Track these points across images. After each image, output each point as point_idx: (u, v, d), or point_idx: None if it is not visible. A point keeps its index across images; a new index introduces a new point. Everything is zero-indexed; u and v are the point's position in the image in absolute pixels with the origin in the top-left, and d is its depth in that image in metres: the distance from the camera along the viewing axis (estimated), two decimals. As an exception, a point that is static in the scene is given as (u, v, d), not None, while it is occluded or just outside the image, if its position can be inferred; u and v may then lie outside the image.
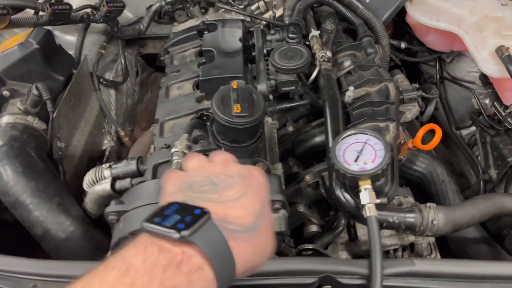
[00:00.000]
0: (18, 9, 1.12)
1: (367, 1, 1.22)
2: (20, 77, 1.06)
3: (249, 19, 1.23)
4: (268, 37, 1.14)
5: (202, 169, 0.57)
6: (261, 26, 1.18)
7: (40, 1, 1.13)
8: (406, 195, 1.00)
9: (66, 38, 1.25)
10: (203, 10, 1.35)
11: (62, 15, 1.06)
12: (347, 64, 1.06)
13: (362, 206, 0.73)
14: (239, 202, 0.50)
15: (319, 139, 1.01)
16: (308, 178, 0.90)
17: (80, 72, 1.20)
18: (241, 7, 1.28)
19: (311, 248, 0.88)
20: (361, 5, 1.18)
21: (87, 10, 1.19)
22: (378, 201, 0.74)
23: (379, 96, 0.99)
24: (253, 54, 1.09)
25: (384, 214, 0.80)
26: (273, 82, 0.99)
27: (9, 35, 1.20)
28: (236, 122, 0.80)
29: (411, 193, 1.06)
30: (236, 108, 0.80)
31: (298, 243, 0.89)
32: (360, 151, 0.79)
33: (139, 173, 0.92)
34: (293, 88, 1.01)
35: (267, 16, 1.21)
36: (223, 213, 0.48)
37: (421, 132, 0.95)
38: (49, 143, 1.03)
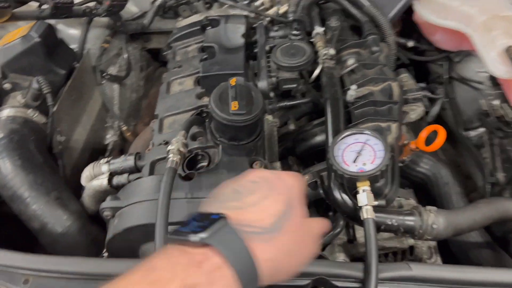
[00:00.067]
0: (21, 2, 1.12)
1: (374, -3, 1.19)
2: (21, 70, 1.06)
3: (253, 15, 1.21)
4: (272, 34, 1.13)
5: (234, 180, 0.59)
6: (265, 23, 1.17)
7: (43, -6, 1.13)
8: (408, 197, 0.98)
9: (69, 32, 1.25)
10: (207, 5, 1.34)
11: (65, 8, 1.06)
12: (350, 62, 1.03)
13: (360, 208, 0.72)
14: (258, 205, 0.52)
15: (320, 138, 1.00)
16: (306, 177, 0.88)
17: (82, 66, 1.20)
18: (245, 2, 1.26)
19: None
20: (367, 2, 1.16)
21: (90, 4, 1.18)
22: (376, 203, 0.73)
23: (382, 95, 0.96)
24: (256, 50, 1.07)
25: (382, 217, 0.78)
26: (274, 79, 0.98)
27: (13, 28, 1.20)
28: (233, 119, 0.79)
29: (414, 195, 1.05)
30: (234, 106, 0.79)
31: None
32: (360, 151, 0.77)
33: (136, 169, 0.92)
34: (295, 86, 0.99)
35: (271, 13, 1.19)
36: (242, 218, 0.49)
37: (424, 133, 0.93)
38: (49, 137, 1.03)
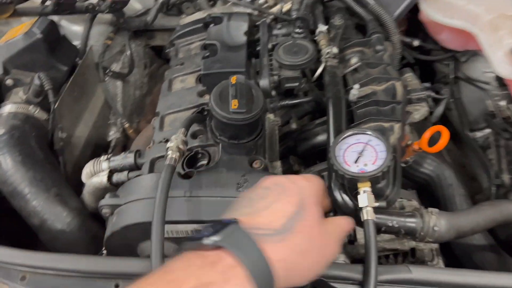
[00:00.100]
0: (25, -2, 1.12)
1: (379, -4, 1.18)
2: (24, 66, 1.06)
3: (256, 13, 1.20)
4: (275, 32, 1.11)
5: (249, 190, 0.61)
6: (269, 21, 1.16)
7: (46, -10, 1.13)
8: (411, 198, 0.96)
9: (73, 28, 1.24)
10: (211, 2, 1.33)
11: (67, 4, 1.06)
12: (354, 61, 1.02)
13: (360, 209, 0.71)
14: (269, 209, 0.53)
15: (321, 137, 0.99)
16: (307, 177, 0.88)
17: (85, 63, 1.20)
18: (249, 0, 1.25)
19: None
20: (371, 0, 1.14)
21: (93, 1, 1.18)
22: (376, 205, 0.72)
23: (385, 95, 0.95)
24: (258, 48, 1.06)
25: (383, 218, 0.77)
26: (276, 78, 0.97)
27: (17, 24, 1.20)
28: (233, 118, 0.78)
29: (417, 196, 1.03)
30: (234, 104, 0.78)
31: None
32: (361, 152, 0.76)
33: (136, 167, 0.92)
34: (297, 84, 0.98)
35: (274, 10, 1.18)
36: (253, 222, 0.51)
37: (427, 134, 0.91)
38: (50, 133, 1.03)
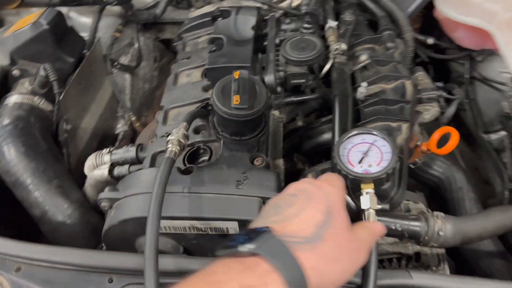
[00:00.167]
0: (34, -11, 1.12)
1: (392, -9, 1.14)
2: (31, 57, 1.06)
3: (266, 7, 1.18)
4: (283, 27, 1.09)
5: (275, 197, 0.62)
6: (278, 15, 1.14)
7: (55, -19, 1.12)
8: (418, 201, 0.94)
9: (81, 20, 1.24)
10: (221, -5, 1.31)
11: (75, -4, 1.06)
12: (363, 58, 0.99)
13: (362, 211, 0.69)
14: (298, 217, 0.54)
15: (327, 136, 0.96)
16: (309, 176, 0.86)
17: (92, 55, 1.19)
18: (259, -7, 1.23)
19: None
20: (384, -5, 1.11)
21: (101, -8, 1.17)
22: (379, 207, 0.69)
23: (394, 94, 0.92)
24: (266, 43, 1.04)
25: (386, 221, 0.75)
26: (282, 73, 0.95)
27: (27, 15, 1.20)
28: (234, 114, 0.77)
29: (424, 199, 1.00)
30: (236, 100, 0.76)
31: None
32: (366, 152, 0.74)
33: (138, 160, 0.91)
34: (303, 81, 0.96)
35: (284, 5, 1.16)
36: (284, 230, 0.52)
37: (436, 135, 0.89)
38: (54, 124, 1.03)
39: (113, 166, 0.91)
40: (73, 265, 0.68)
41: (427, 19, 1.39)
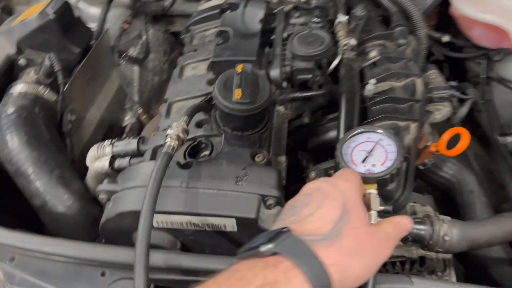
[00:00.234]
0: (43, -22, 1.11)
1: (407, -13, 1.10)
2: (37, 46, 1.06)
3: (275, 0, 1.15)
4: (292, 21, 1.07)
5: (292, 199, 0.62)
6: (287, 9, 1.11)
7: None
8: (425, 203, 0.91)
9: (90, 10, 1.24)
10: (231, -12, 1.29)
11: (83, -15, 1.05)
12: (373, 54, 0.96)
13: (363, 212, 0.66)
14: (314, 215, 0.54)
15: (333, 133, 0.93)
16: (313, 174, 0.84)
17: (100, 46, 1.19)
18: (269, -13, 1.20)
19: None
20: (398, -9, 1.08)
21: (109, -17, 1.16)
22: (381, 208, 0.67)
23: (404, 92, 0.89)
24: (273, 37, 1.02)
25: (388, 223, 0.72)
26: (288, 68, 0.92)
27: (37, 3, 1.20)
28: (235, 108, 0.75)
29: (433, 201, 0.97)
30: (237, 94, 0.74)
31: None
32: (370, 151, 0.72)
33: (139, 153, 0.90)
34: (310, 76, 0.93)
35: (294, -2, 1.13)
36: (301, 229, 0.52)
37: (446, 136, 0.86)
38: (59, 114, 1.03)
39: (114, 158, 0.90)
40: (67, 256, 0.67)
41: (442, 16, 1.35)
